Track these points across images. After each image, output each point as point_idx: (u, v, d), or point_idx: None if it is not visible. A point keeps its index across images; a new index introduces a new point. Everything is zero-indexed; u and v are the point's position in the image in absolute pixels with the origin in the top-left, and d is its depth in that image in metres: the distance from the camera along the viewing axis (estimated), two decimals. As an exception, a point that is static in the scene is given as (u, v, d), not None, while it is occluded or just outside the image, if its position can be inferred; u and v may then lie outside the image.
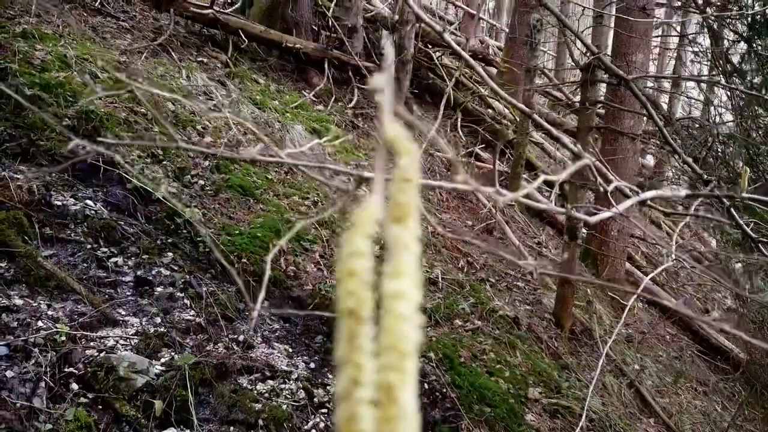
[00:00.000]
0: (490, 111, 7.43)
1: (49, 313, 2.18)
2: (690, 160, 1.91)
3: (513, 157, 6.34)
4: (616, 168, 5.03)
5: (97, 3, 5.07)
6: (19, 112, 3.16)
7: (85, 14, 4.83)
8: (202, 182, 3.59)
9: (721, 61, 3.91)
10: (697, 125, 3.15)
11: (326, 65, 6.14)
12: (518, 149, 6.32)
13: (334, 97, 6.02)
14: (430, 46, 7.11)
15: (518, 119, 6.58)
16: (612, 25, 4.80)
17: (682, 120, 3.48)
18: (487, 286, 4.26)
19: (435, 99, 7.18)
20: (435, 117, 6.78)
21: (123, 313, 2.41)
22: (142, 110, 3.77)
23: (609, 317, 4.78)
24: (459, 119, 6.72)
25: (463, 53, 2.68)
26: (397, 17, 6.54)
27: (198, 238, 3.12)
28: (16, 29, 3.83)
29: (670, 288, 6.30)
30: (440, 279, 3.96)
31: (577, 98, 7.01)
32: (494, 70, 7.94)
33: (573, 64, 3.98)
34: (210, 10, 5.22)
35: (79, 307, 2.26)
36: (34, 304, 2.20)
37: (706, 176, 1.67)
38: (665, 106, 8.23)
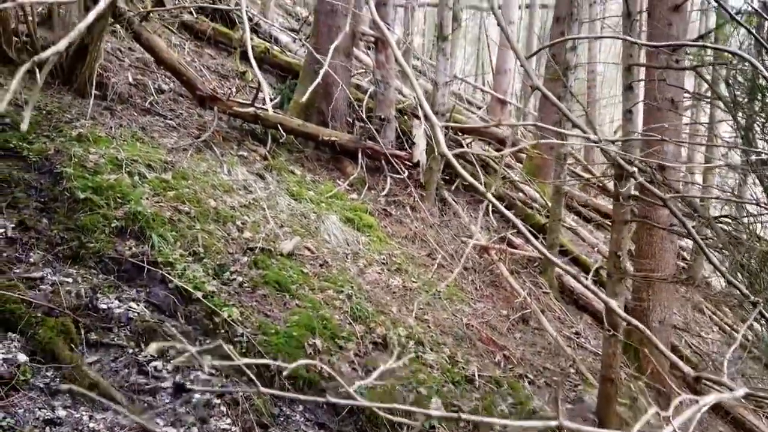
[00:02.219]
0: (521, 195, 7.48)
1: (91, 425, 2.20)
2: (735, 281, 1.87)
3: (546, 243, 6.31)
4: (653, 257, 4.96)
5: (146, 103, 5.41)
6: (71, 215, 3.33)
7: (135, 114, 5.15)
8: (240, 279, 3.66)
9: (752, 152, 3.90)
10: (737, 224, 3.11)
11: (360, 155, 6.34)
12: (551, 234, 6.30)
13: (367, 186, 6.16)
14: (460, 134, 7.30)
15: (550, 204, 6.60)
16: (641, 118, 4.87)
17: (722, 218, 3.44)
18: (526, 383, 4.13)
19: (466, 185, 7.29)
20: (467, 203, 6.87)
21: (161, 423, 2.41)
22: (186, 208, 3.93)
23: (655, 416, 4.54)
24: (490, 204, 6.78)
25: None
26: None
27: (236, 338, 3.15)
28: (72, 133, 4.10)
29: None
30: (477, 376, 3.86)
31: (610, 182, 7.02)
32: (523, 155, 8.06)
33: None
34: (251, 108, 5.51)
35: (119, 418, 2.28)
36: (77, 416, 2.22)
37: (752, 297, 1.63)
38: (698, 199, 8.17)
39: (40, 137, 3.87)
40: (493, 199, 1.77)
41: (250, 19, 7.78)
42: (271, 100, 6.83)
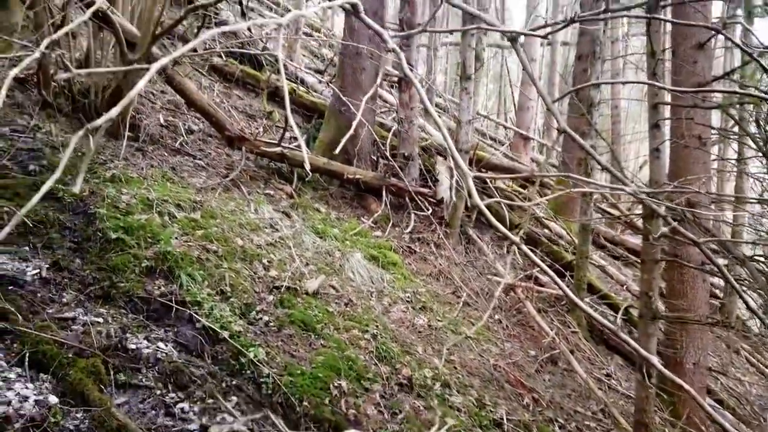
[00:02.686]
0: (546, 231, 7.41)
1: (118, 469, 2.19)
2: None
3: (574, 280, 6.21)
4: (685, 297, 4.83)
5: (177, 143, 5.56)
6: (103, 255, 3.40)
7: (166, 154, 5.29)
8: (266, 318, 3.67)
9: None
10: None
11: (384, 192, 6.39)
12: (579, 272, 6.21)
13: (391, 223, 6.18)
14: (483, 170, 7.31)
15: (577, 241, 6.52)
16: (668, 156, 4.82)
17: (755, 257, 3.35)
18: (556, 427, 4.01)
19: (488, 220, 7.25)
20: (492, 239, 6.82)
21: (187, 466, 2.39)
22: (214, 247, 3.98)
23: (693, 464, 4.35)
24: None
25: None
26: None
27: (261, 379, 3.13)
28: (106, 174, 4.22)
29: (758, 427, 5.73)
30: (505, 420, 3.76)
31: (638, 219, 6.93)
32: (548, 191, 8.02)
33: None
34: (279, 147, 5.61)
35: (146, 462, 2.27)
36: (105, 459, 2.22)
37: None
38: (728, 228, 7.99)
39: (74, 179, 3.98)
40: (524, 247, 1.76)
41: (277, 62, 8.00)
42: (296, 138, 6.97)
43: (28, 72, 5.02)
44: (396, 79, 7.86)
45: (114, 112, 1.42)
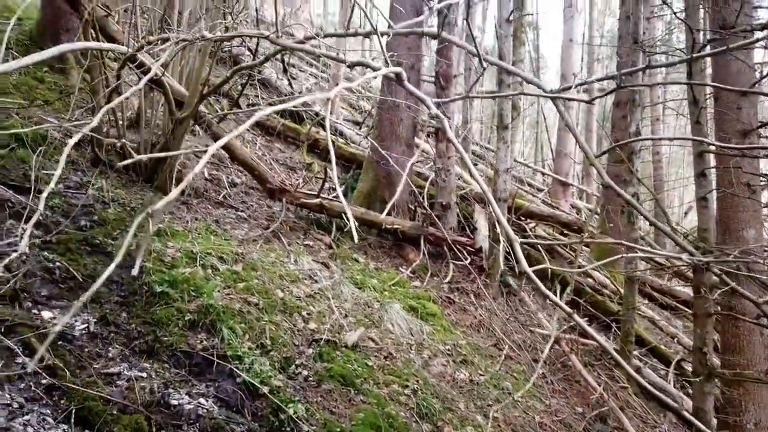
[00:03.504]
0: (590, 281, 7.21)
1: None
2: None
3: (621, 332, 5.98)
4: (741, 352, 4.58)
5: (220, 196, 5.71)
6: (148, 309, 3.47)
7: (209, 207, 5.43)
8: (306, 372, 3.64)
9: None
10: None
11: (422, 242, 6.37)
12: (625, 324, 5.98)
13: (429, 273, 6.13)
14: (522, 218, 7.23)
15: (623, 291, 6.31)
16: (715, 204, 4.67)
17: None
18: (608, 493, 3.78)
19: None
20: (533, 289, 6.67)
21: None
22: (255, 300, 4.01)
23: None
24: (558, 291, 6.56)
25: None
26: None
27: (300, 437, 3.08)
28: (152, 228, 4.34)
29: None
30: (554, 484, 3.57)
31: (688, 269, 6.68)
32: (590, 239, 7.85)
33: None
34: (318, 199, 5.70)
35: None
36: None
37: None
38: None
39: (123, 233, 4.12)
40: (566, 308, 1.72)
41: (316, 115, 8.24)
42: (335, 189, 7.07)
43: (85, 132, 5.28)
44: (433, 128, 7.95)
45: (174, 193, 1.46)
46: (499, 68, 5.75)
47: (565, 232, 7.43)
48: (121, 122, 5.22)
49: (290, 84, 8.57)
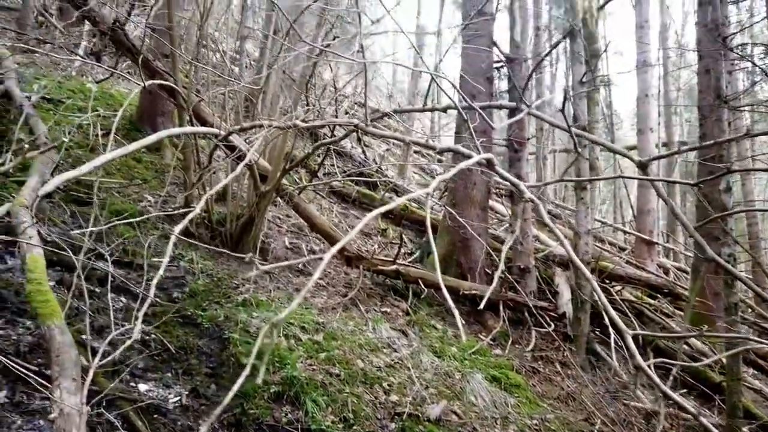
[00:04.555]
0: (686, 347, 6.70)
1: None
2: None
3: (726, 406, 5.45)
4: None
5: (300, 264, 5.86)
6: (236, 380, 3.53)
7: (290, 275, 5.57)
8: (389, 449, 3.55)
9: None
10: None
11: (501, 307, 6.20)
12: (731, 396, 5.45)
13: (510, 340, 5.92)
14: (607, 281, 6.91)
15: (725, 360, 5.80)
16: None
17: None
18: None
19: (618, 334, 6.72)
20: (624, 358, 6.27)
21: None
22: (336, 370, 4.01)
23: None
24: (651, 358, 6.11)
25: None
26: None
27: None
28: (238, 299, 4.49)
29: None
30: None
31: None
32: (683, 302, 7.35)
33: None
34: (394, 265, 5.73)
35: None
36: None
37: None
38: None
39: (212, 304, 4.29)
40: (669, 391, 1.59)
41: (389, 181, 8.41)
42: (410, 254, 7.09)
43: (175, 207, 5.65)
44: (508, 191, 7.89)
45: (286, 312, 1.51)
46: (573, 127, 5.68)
47: (654, 295, 7.01)
48: (208, 196, 5.54)
49: (364, 152, 8.84)
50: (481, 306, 2.85)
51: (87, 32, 8.34)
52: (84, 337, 3.16)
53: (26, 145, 3.91)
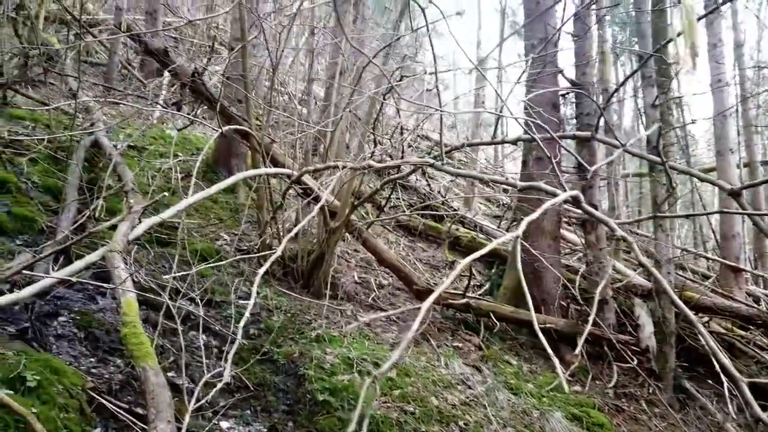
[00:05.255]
0: (786, 384, 6.15)
1: None
2: None
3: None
4: None
5: (369, 299, 5.88)
6: (311, 418, 3.55)
7: (361, 310, 5.60)
8: (468, 491, 3.43)
9: None
10: None
11: (578, 341, 5.94)
12: None
13: (590, 376, 5.65)
14: (694, 312, 6.50)
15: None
16: None
17: None
18: None
19: (708, 369, 6.28)
20: (715, 393, 5.85)
21: None
22: (411, 408, 3.95)
23: None
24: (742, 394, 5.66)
25: None
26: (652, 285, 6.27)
27: None
28: (311, 334, 4.54)
29: None
30: None
31: None
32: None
33: None
34: (464, 299, 5.64)
35: None
36: None
37: None
38: None
39: (286, 340, 4.36)
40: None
41: (455, 213, 8.36)
42: (480, 287, 6.97)
43: (250, 244, 5.84)
44: (579, 218, 7.66)
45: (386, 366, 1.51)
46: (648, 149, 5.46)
47: (746, 326, 6.53)
48: (281, 233, 5.70)
49: (428, 184, 8.86)
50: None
51: (167, 82, 8.91)
52: (170, 374, 3.28)
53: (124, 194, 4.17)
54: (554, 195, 2.32)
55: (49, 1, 8.68)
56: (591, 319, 2.65)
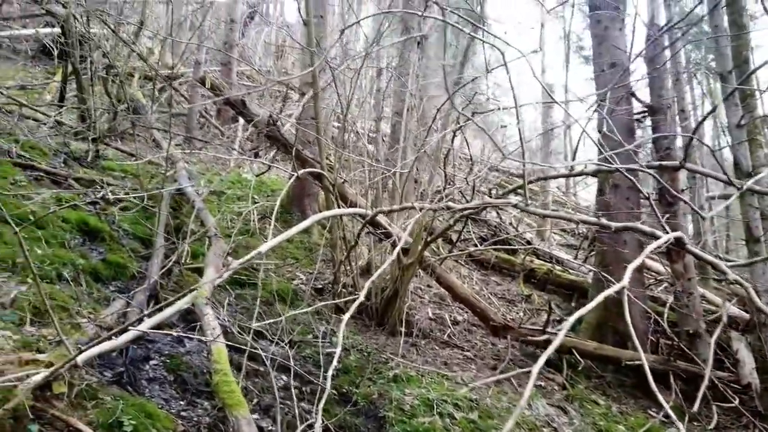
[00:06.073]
0: None
1: None
2: None
3: None
4: None
5: (445, 336, 5.78)
6: (394, 462, 3.48)
7: (436, 348, 5.50)
8: None
9: None
10: None
11: (671, 378, 5.56)
12: None
13: (687, 417, 5.24)
14: (800, 346, 5.95)
15: None
16: None
17: None
18: None
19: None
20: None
21: None
22: (495, 453, 3.80)
23: None
24: None
25: None
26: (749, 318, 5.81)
27: None
28: (389, 374, 4.50)
29: None
30: None
31: None
32: None
33: None
34: (545, 335, 5.44)
35: None
36: None
37: None
38: None
39: (364, 380, 4.33)
40: None
41: (528, 243, 8.15)
42: (560, 321, 6.70)
43: (324, 282, 5.92)
44: (664, 246, 7.26)
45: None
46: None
47: None
48: (354, 271, 5.74)
49: (499, 215, 8.71)
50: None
51: (242, 126, 9.34)
52: (254, 416, 3.32)
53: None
54: (653, 236, 2.20)
55: (135, 59, 9.39)
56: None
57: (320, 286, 5.86)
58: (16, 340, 2.74)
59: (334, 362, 2.10)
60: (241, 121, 9.16)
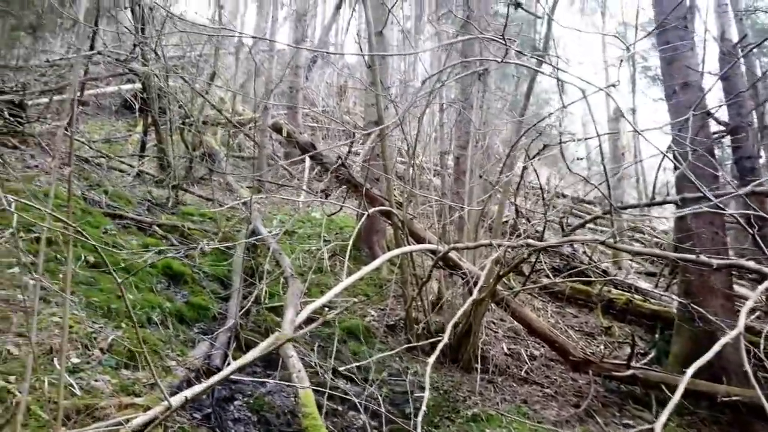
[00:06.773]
0: None
1: None
2: None
3: None
4: None
5: (522, 372, 5.60)
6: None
7: (514, 384, 5.34)
8: None
9: None
10: None
11: (774, 415, 5.13)
12: None
13: (796, 458, 4.81)
14: None
15: None
16: None
17: None
18: None
19: None
20: None
21: None
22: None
23: None
24: None
25: None
26: None
27: None
28: (467, 413, 4.40)
29: None
30: None
31: None
32: None
33: None
34: (630, 370, 5.17)
35: None
36: None
37: None
38: None
39: (443, 420, 4.26)
40: None
41: (605, 272, 7.85)
42: (644, 354, 6.37)
43: (396, 319, 5.92)
44: (755, 274, 6.81)
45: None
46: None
47: None
48: (426, 307, 5.71)
49: (571, 245, 8.45)
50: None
51: (308, 166, 9.62)
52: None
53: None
54: (760, 273, 2.07)
55: (208, 108, 9.93)
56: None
57: (392, 323, 5.86)
58: (114, 383, 2.89)
59: (423, 407, 2.08)
60: (308, 161, 9.45)
